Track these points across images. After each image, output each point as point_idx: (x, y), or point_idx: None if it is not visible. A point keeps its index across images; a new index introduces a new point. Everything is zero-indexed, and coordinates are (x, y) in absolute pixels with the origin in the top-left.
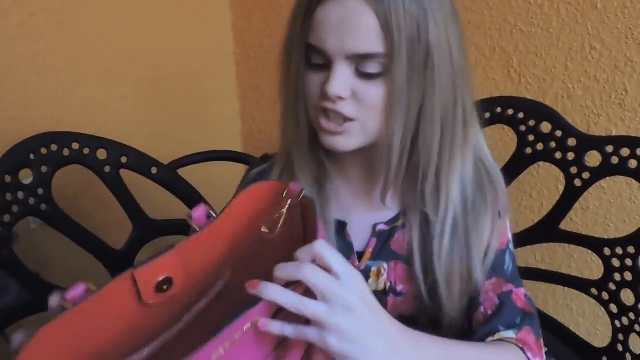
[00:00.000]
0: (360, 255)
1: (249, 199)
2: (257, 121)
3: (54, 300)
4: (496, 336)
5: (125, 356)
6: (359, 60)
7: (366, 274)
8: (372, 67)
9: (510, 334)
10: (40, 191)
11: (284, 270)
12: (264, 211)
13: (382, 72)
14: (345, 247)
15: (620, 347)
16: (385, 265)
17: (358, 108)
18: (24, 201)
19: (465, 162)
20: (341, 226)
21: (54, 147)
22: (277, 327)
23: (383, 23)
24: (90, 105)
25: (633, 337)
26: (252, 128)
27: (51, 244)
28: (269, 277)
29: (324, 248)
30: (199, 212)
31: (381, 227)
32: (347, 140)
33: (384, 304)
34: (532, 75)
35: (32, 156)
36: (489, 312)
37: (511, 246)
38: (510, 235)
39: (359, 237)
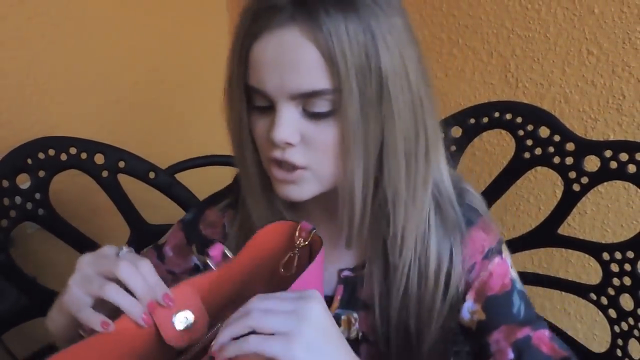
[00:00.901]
0: (329, 301)
1: (263, 241)
2: None
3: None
4: None
5: None
6: (304, 99)
7: (337, 321)
8: (320, 106)
9: None
10: (37, 196)
11: (231, 328)
12: (277, 251)
13: (332, 110)
14: None
15: (619, 352)
16: (355, 315)
17: (309, 154)
18: (22, 206)
19: (426, 199)
20: None
21: (51, 152)
22: (237, 345)
23: (326, 55)
24: (87, 110)
25: (632, 342)
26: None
27: (48, 249)
28: None
29: (262, 300)
30: (216, 250)
31: (346, 273)
32: (301, 189)
33: (357, 352)
34: (529, 80)
35: (29, 161)
36: None
37: (518, 285)
38: (514, 274)
39: (326, 282)
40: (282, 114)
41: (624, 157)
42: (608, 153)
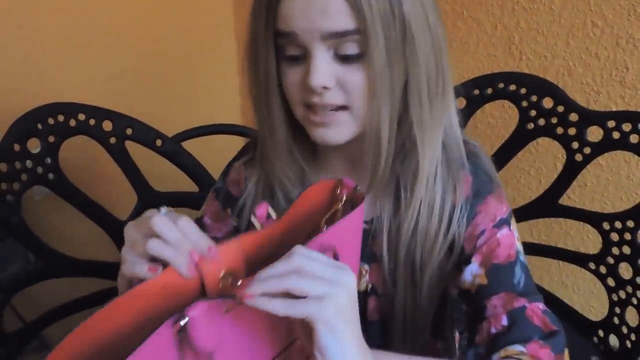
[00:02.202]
0: None
1: (309, 198)
2: None
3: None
4: (502, 352)
5: None
6: (335, 41)
7: None
8: (350, 48)
9: (518, 347)
10: (47, 160)
11: (268, 284)
12: (319, 208)
13: (361, 54)
14: None
15: (616, 320)
16: (366, 267)
17: (345, 96)
18: (32, 170)
19: (440, 137)
20: None
21: (60, 118)
22: (263, 301)
23: (352, 2)
24: (93, 78)
25: (629, 310)
26: (251, 103)
27: (55, 216)
28: None
29: (303, 259)
30: (262, 210)
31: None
32: (340, 131)
33: (365, 305)
34: (533, 52)
35: (39, 126)
36: (496, 330)
37: (522, 258)
38: (519, 246)
39: None
40: (316, 60)
41: (626, 127)
42: (611, 123)
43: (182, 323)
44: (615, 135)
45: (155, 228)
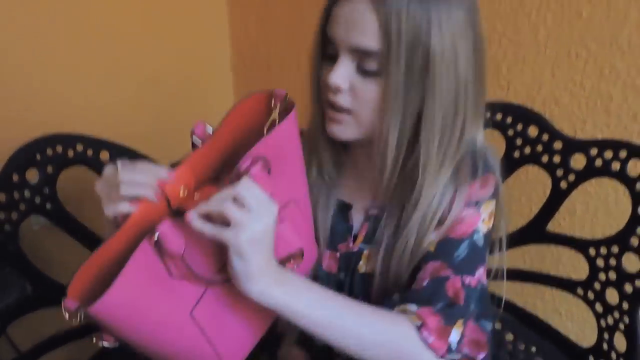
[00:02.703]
0: (356, 238)
1: (242, 112)
2: None
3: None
4: (400, 306)
5: None
6: (360, 55)
7: (359, 255)
8: (371, 65)
9: (411, 306)
10: (45, 190)
11: (209, 205)
12: (258, 119)
13: (379, 72)
14: (345, 228)
15: (605, 346)
16: (373, 249)
17: (353, 102)
18: (30, 199)
19: (451, 169)
20: (346, 208)
21: (59, 149)
22: (198, 223)
23: (383, 24)
24: (92, 108)
25: (618, 335)
26: None
27: (52, 245)
28: None
29: (243, 189)
30: (199, 128)
31: (372, 211)
32: (344, 129)
33: (367, 288)
34: (520, 83)
35: (38, 156)
36: (414, 288)
37: (477, 238)
38: (481, 226)
39: (358, 220)
40: (339, 64)
41: (608, 154)
42: (594, 151)
43: (155, 237)
44: (598, 162)
45: (122, 177)
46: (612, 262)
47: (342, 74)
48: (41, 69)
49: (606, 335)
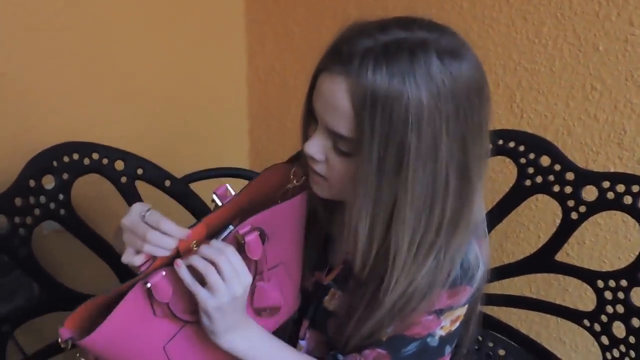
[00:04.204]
0: (330, 271)
1: (264, 179)
2: (265, 141)
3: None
4: None
5: None
6: (334, 136)
7: (327, 290)
8: (344, 147)
9: None
10: (60, 197)
11: (196, 260)
12: (275, 187)
13: (353, 153)
14: (324, 258)
15: None
16: (340, 293)
17: (328, 171)
18: (45, 205)
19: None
20: (328, 239)
21: (75, 156)
22: (185, 274)
23: (357, 116)
24: (107, 119)
25: None
26: (260, 147)
27: (62, 250)
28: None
29: (225, 260)
30: (221, 190)
31: (350, 257)
32: (320, 189)
33: (326, 322)
34: (534, 111)
35: (55, 163)
36: None
37: (430, 340)
38: (437, 332)
39: (338, 256)
40: (316, 136)
41: (620, 188)
42: (606, 184)
43: (147, 286)
44: (610, 195)
45: (149, 238)
46: (620, 295)
47: (316, 147)
48: (61, 80)
49: None
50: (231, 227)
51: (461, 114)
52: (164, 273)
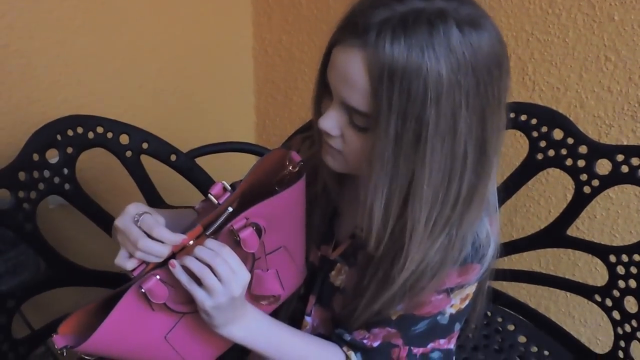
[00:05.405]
0: (336, 246)
1: (262, 166)
2: (272, 115)
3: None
4: (345, 349)
5: None
6: (350, 110)
7: (333, 265)
8: (361, 122)
9: (357, 358)
10: (65, 171)
11: (191, 261)
12: (272, 173)
13: (370, 128)
14: (330, 233)
15: (621, 354)
16: (347, 268)
17: (344, 146)
18: (50, 179)
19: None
20: (335, 215)
21: (79, 130)
22: (180, 274)
23: (374, 90)
24: (112, 92)
25: (634, 344)
26: (266, 122)
27: (68, 225)
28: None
29: (221, 261)
30: (216, 188)
31: (359, 232)
32: (334, 162)
33: (333, 298)
34: (546, 84)
35: (59, 137)
36: (366, 342)
37: (440, 318)
38: (447, 310)
39: (345, 231)
40: (332, 110)
41: (635, 161)
42: (620, 157)
43: (141, 291)
44: (624, 169)
45: (141, 245)
46: (633, 270)
47: (332, 121)
48: (64, 51)
49: (622, 343)
50: (230, 209)
51: (481, 87)
52: (157, 277)
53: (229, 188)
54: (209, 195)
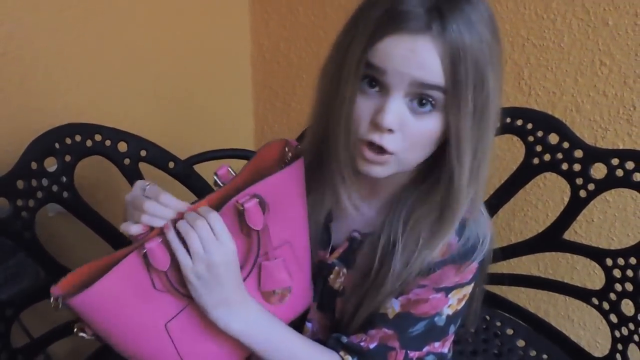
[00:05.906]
0: (333, 250)
1: (262, 156)
2: (270, 121)
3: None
4: (341, 353)
5: None
6: (418, 91)
7: (332, 268)
8: (426, 103)
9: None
10: (63, 179)
11: (179, 224)
12: (273, 162)
13: (434, 109)
14: (326, 237)
15: (619, 357)
16: (345, 270)
17: (401, 142)
18: (48, 188)
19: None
20: (329, 219)
21: (77, 138)
22: (171, 236)
23: (449, 61)
24: (111, 99)
25: (632, 347)
26: (265, 128)
27: (67, 233)
28: None
29: (201, 220)
30: (223, 170)
31: (355, 234)
32: (383, 170)
33: (333, 302)
34: (542, 88)
35: (57, 145)
36: (362, 344)
37: (437, 319)
38: (446, 311)
39: (341, 234)
40: (393, 102)
41: (630, 165)
42: (615, 161)
43: (143, 252)
44: (619, 172)
45: (146, 208)
46: (629, 273)
47: (397, 114)
48: (63, 59)
49: (620, 346)
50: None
51: (499, 45)
52: (160, 240)
53: (234, 173)
54: (215, 174)
